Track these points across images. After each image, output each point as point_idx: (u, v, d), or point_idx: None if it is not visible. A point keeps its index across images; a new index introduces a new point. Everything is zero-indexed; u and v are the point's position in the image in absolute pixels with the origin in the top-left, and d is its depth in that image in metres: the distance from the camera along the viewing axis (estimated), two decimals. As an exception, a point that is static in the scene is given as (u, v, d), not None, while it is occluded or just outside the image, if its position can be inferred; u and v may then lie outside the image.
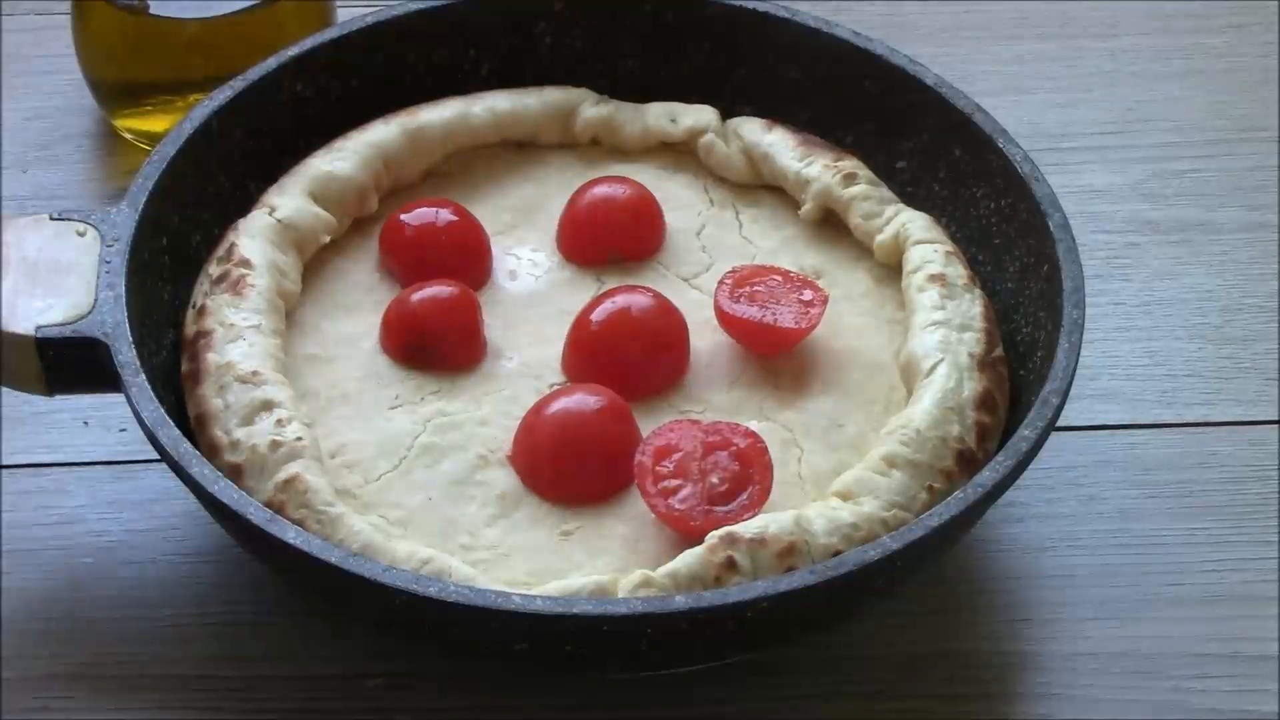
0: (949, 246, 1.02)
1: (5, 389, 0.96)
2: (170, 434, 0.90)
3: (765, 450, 0.92)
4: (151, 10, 1.13)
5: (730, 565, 0.87)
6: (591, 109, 1.08)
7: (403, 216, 1.02)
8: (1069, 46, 1.26)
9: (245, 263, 0.98)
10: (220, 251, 1.00)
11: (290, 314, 0.99)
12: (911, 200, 1.06)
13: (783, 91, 1.10)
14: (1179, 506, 1.02)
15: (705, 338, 0.99)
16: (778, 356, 0.98)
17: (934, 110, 1.05)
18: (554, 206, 1.05)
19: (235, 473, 0.91)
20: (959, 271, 1.00)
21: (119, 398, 0.92)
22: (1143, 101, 1.23)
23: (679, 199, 1.06)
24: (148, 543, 0.99)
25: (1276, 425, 1.05)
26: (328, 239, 1.03)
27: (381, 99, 1.07)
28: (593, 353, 0.97)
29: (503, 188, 1.07)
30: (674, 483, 0.91)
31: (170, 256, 1.00)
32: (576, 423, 0.94)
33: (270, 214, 1.01)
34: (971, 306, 0.98)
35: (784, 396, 0.97)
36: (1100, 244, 1.14)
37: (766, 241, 1.05)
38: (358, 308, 1.01)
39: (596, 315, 0.97)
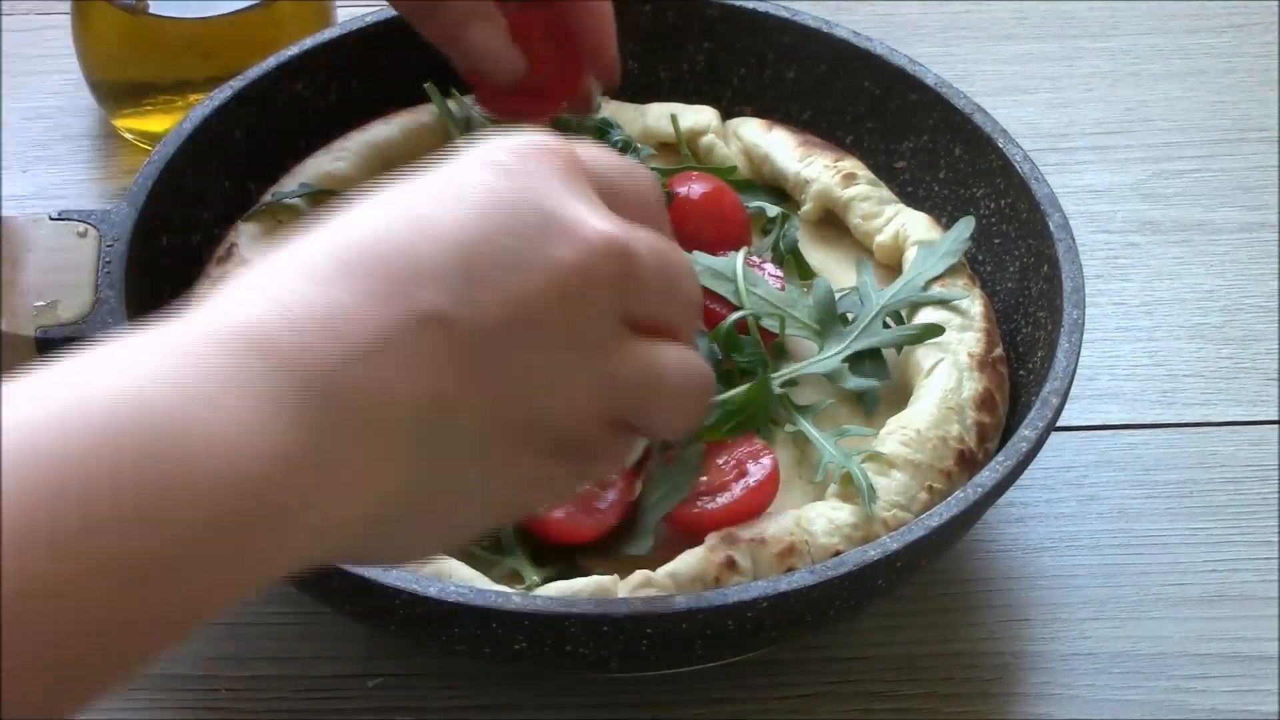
0: (949, 246, 1.02)
1: (5, 389, 0.96)
2: (170, 434, 0.89)
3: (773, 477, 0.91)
4: (151, 10, 1.13)
5: (730, 565, 0.87)
6: (592, 109, 1.08)
7: None
8: (1069, 46, 1.26)
9: (245, 263, 0.98)
10: (220, 252, 1.00)
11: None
12: (911, 200, 1.05)
13: (783, 91, 1.10)
14: (1179, 506, 1.02)
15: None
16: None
17: (934, 110, 1.05)
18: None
19: (235, 473, 0.91)
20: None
21: (119, 398, 0.92)
22: (1143, 101, 1.23)
23: (679, 199, 1.06)
24: (148, 543, 0.99)
25: (1276, 425, 1.05)
26: (328, 239, 1.03)
27: (381, 99, 1.07)
28: None
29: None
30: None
31: (170, 256, 1.00)
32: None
33: (270, 214, 1.01)
34: (971, 306, 0.98)
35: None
36: (1100, 244, 1.14)
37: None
38: (358, 308, 1.01)
39: None
